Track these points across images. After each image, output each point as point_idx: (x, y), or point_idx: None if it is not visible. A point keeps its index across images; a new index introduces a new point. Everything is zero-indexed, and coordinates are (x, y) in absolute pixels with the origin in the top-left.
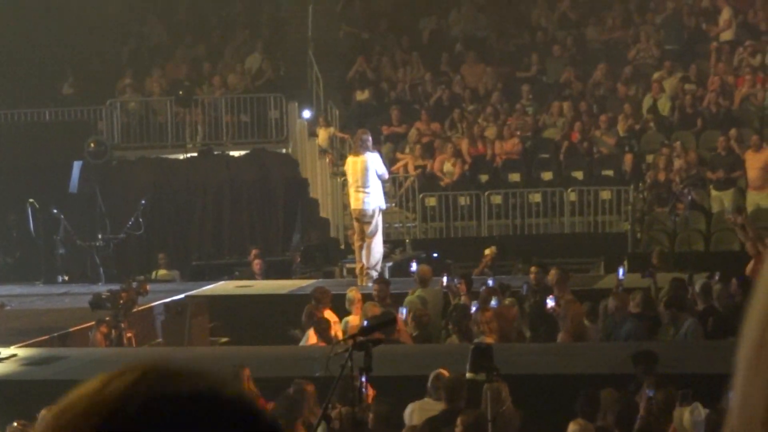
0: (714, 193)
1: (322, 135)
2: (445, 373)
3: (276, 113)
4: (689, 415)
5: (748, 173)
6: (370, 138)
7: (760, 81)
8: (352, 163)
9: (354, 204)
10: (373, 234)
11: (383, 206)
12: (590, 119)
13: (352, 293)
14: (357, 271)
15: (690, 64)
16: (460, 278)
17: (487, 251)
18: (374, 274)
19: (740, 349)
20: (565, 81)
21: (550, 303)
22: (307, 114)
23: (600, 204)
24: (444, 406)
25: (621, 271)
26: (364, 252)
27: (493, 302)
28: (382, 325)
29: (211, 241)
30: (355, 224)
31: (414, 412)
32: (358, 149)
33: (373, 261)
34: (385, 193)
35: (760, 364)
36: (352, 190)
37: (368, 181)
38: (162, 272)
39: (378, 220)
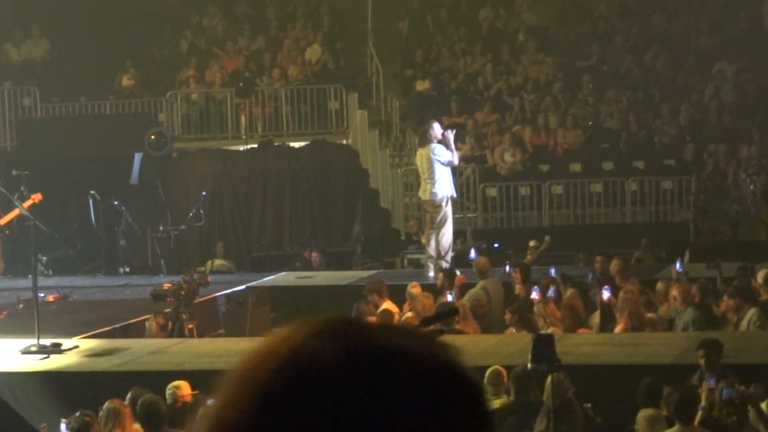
0: None
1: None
2: (502, 370)
3: (336, 104)
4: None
5: None
6: (432, 129)
7: None
8: (419, 156)
9: (421, 194)
10: (442, 224)
11: (452, 195)
12: (651, 108)
13: (414, 288)
14: (424, 261)
15: (749, 52)
16: (514, 268)
17: (531, 243)
18: (444, 264)
19: None
20: (625, 70)
21: (606, 294)
22: None
23: (661, 194)
24: (512, 398)
25: (678, 263)
26: (432, 242)
27: (551, 292)
28: (442, 316)
29: (271, 233)
30: (426, 215)
31: None
32: (423, 141)
33: (442, 251)
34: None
35: None
36: (421, 182)
37: (434, 171)
38: (218, 262)
39: (447, 210)
